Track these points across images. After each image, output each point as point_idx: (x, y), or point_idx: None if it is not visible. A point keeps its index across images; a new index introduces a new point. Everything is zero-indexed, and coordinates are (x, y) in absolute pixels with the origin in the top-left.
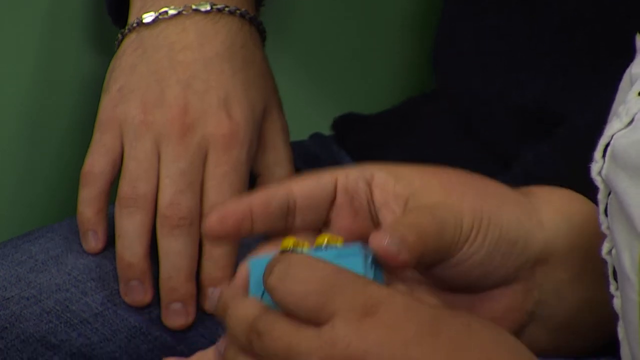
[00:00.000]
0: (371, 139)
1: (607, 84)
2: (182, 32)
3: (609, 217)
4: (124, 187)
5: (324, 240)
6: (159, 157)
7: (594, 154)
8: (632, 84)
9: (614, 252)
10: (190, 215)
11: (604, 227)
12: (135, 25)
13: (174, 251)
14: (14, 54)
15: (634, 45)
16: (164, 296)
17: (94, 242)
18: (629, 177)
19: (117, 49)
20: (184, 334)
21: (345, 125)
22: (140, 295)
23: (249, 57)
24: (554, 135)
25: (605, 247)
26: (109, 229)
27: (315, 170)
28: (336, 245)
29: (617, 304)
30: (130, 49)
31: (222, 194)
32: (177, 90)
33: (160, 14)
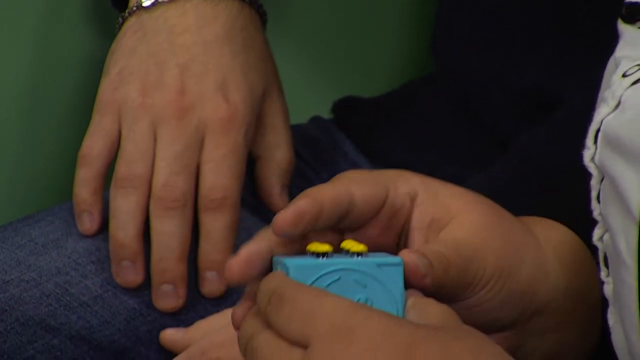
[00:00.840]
0: (371, 122)
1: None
2: (181, 15)
3: (602, 203)
4: (120, 168)
5: (350, 246)
6: (156, 139)
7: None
8: (617, 67)
9: (606, 238)
10: (183, 197)
11: (596, 214)
12: (135, 8)
13: (166, 232)
14: (14, 35)
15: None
16: (154, 277)
17: (89, 223)
18: (625, 161)
19: (118, 32)
20: (184, 315)
21: (344, 108)
22: (131, 276)
23: (249, 40)
24: (550, 117)
25: (596, 233)
26: (106, 212)
27: (315, 154)
28: (377, 253)
29: (607, 290)
30: (130, 31)
31: (221, 176)
32: (176, 73)
33: None
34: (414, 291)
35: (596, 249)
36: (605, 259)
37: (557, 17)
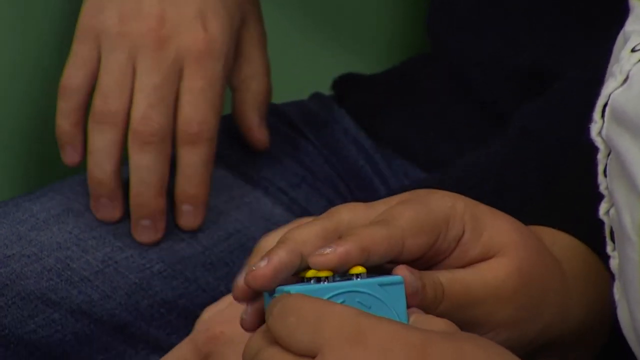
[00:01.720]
0: (370, 99)
1: (602, 43)
2: None
3: (608, 177)
4: (97, 102)
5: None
6: (134, 69)
7: (592, 114)
8: (626, 42)
9: (612, 213)
10: (161, 131)
11: (603, 188)
12: None
13: (144, 167)
14: None
15: (628, 4)
16: (133, 212)
17: (71, 155)
18: (631, 136)
19: None
20: (185, 289)
21: (344, 85)
22: (109, 212)
23: None
24: (547, 91)
25: (602, 207)
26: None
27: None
28: (364, 274)
29: (613, 264)
30: None
31: (198, 108)
32: (155, 1)
33: None
34: (417, 309)
35: (601, 223)
36: (611, 233)
37: None
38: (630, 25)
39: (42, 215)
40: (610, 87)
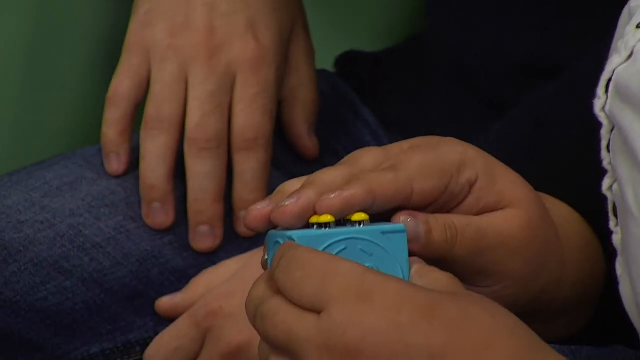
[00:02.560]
0: (373, 77)
1: (601, 32)
2: None
3: (612, 152)
4: (149, 109)
5: (351, 216)
6: (187, 80)
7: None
8: (631, 17)
9: (615, 188)
10: (217, 137)
11: (606, 163)
12: None
13: (202, 173)
14: None
15: None
16: (191, 218)
17: (116, 164)
18: (634, 112)
19: None
20: (195, 260)
21: (347, 62)
22: (161, 217)
23: None
24: (557, 79)
25: (606, 183)
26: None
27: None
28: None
29: (616, 239)
30: None
31: (253, 115)
32: (204, 12)
33: None
34: (418, 259)
35: (605, 198)
36: (614, 208)
37: None
38: (635, 0)
39: (56, 182)
40: (614, 62)
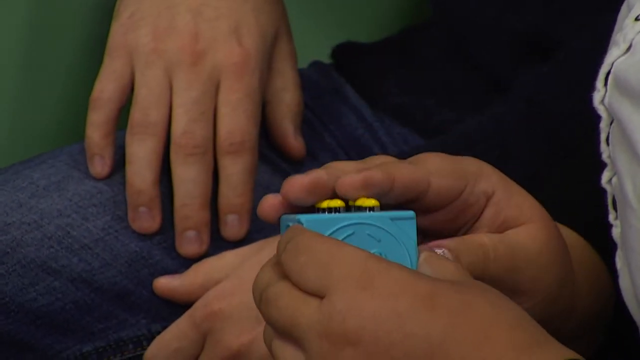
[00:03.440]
0: (370, 67)
1: (603, 8)
2: None
3: (611, 145)
4: (136, 114)
5: (362, 201)
6: (171, 86)
7: (595, 83)
8: (630, 10)
9: (615, 181)
10: (204, 143)
11: (605, 156)
12: None
13: (189, 179)
14: None
15: None
16: (178, 224)
17: (100, 166)
18: (632, 104)
19: None
20: (184, 259)
21: (344, 53)
22: (148, 222)
23: None
24: (553, 59)
25: (605, 176)
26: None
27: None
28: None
29: (615, 233)
30: None
31: (238, 120)
32: (188, 17)
33: None
34: (427, 246)
35: (604, 193)
36: (613, 202)
37: None
38: None
39: (42, 182)
40: (613, 55)
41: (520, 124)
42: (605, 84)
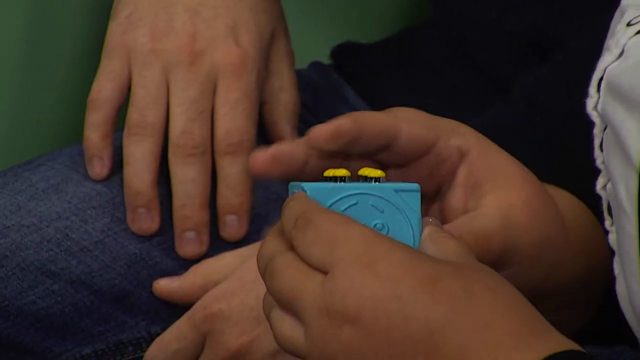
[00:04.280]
0: (370, 68)
1: (603, 9)
2: None
3: (605, 151)
4: (133, 115)
5: (368, 172)
6: (168, 86)
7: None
8: (622, 15)
9: (609, 187)
10: (202, 143)
11: (599, 162)
12: None
13: (188, 179)
14: None
15: None
16: (177, 225)
17: (99, 168)
18: (625, 109)
19: None
20: (183, 260)
21: (344, 53)
22: (147, 223)
23: None
24: (552, 60)
25: (600, 182)
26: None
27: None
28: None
29: (612, 239)
30: None
31: (236, 120)
32: (186, 17)
33: None
34: (431, 219)
35: (600, 198)
36: (609, 208)
37: None
38: None
39: (41, 185)
40: (606, 60)
41: (520, 124)
42: (598, 90)
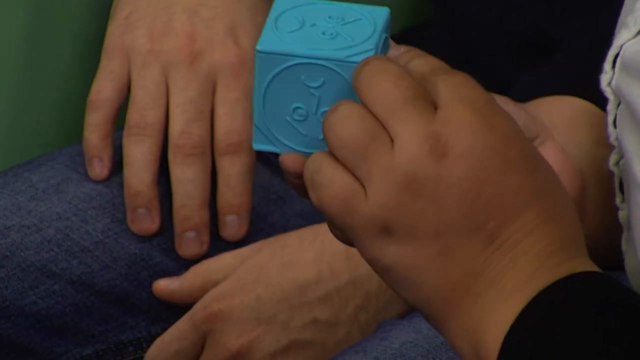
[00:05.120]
0: None
1: (603, 8)
2: None
3: (618, 127)
4: (133, 115)
5: None
6: (167, 86)
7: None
8: None
9: (622, 163)
10: (202, 143)
11: (613, 139)
12: None
13: (188, 179)
14: None
15: None
16: (177, 225)
17: (99, 168)
18: None
19: None
20: (185, 261)
21: None
22: (147, 223)
23: None
24: (553, 58)
25: (612, 158)
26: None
27: None
28: None
29: (622, 215)
30: None
31: (236, 120)
32: (184, 18)
33: None
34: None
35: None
36: (620, 185)
37: None
38: None
39: (42, 185)
40: (623, 37)
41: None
42: (613, 66)
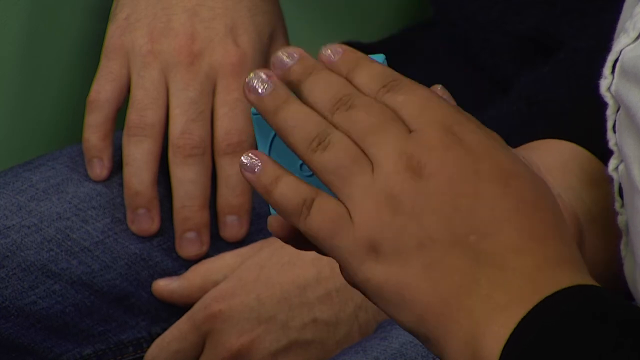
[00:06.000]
0: None
1: (604, 9)
2: None
3: (617, 133)
4: (132, 116)
5: None
6: (167, 87)
7: (596, 81)
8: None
9: (621, 168)
10: (202, 143)
11: (612, 144)
12: None
13: (188, 180)
14: None
15: None
16: (178, 226)
17: (99, 168)
18: None
19: None
20: (185, 260)
21: None
22: (147, 223)
23: None
24: (553, 59)
25: (612, 163)
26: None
27: None
28: None
29: (621, 220)
30: None
31: (235, 120)
32: (184, 18)
33: None
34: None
35: (611, 179)
36: (620, 190)
37: None
38: None
39: (42, 185)
40: (622, 42)
41: (520, 124)
42: (612, 71)
